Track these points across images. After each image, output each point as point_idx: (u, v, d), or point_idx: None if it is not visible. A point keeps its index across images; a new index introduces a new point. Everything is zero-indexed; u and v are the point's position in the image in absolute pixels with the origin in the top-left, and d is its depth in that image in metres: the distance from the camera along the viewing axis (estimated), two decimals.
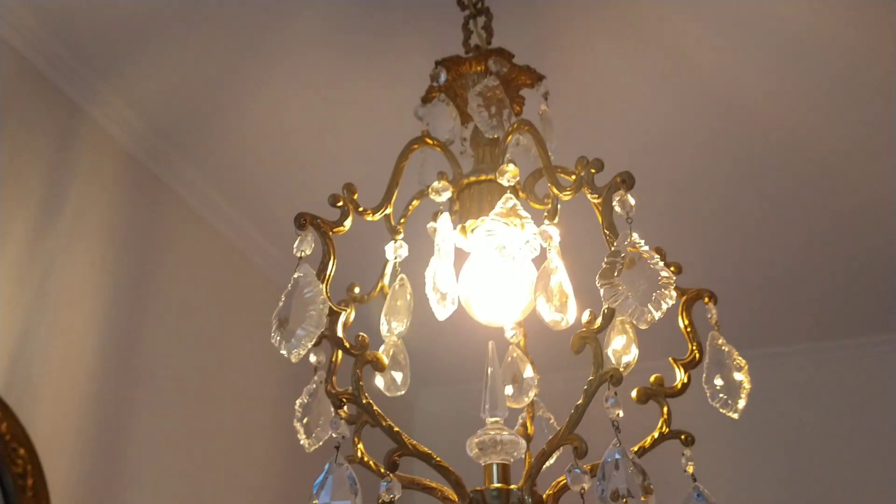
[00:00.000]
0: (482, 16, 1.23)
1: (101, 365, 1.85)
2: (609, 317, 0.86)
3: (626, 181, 0.85)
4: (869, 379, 3.27)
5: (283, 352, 0.86)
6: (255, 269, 2.56)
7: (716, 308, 1.01)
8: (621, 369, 0.98)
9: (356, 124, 2.10)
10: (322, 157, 2.22)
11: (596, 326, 0.86)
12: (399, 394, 1.11)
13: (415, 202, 1.11)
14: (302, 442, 1.07)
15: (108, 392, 1.85)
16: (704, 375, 1.00)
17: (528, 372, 1.05)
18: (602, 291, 0.80)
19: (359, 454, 0.99)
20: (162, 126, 2.07)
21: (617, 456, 0.77)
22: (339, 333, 0.91)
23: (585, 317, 0.89)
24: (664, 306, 0.78)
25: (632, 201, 0.84)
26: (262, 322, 2.43)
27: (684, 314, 1.01)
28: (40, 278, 1.72)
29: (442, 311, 1.01)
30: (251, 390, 2.42)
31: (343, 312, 0.93)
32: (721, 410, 0.99)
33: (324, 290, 0.88)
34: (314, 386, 1.08)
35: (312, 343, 0.85)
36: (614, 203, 0.85)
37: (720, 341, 0.99)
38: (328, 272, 0.92)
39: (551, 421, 1.20)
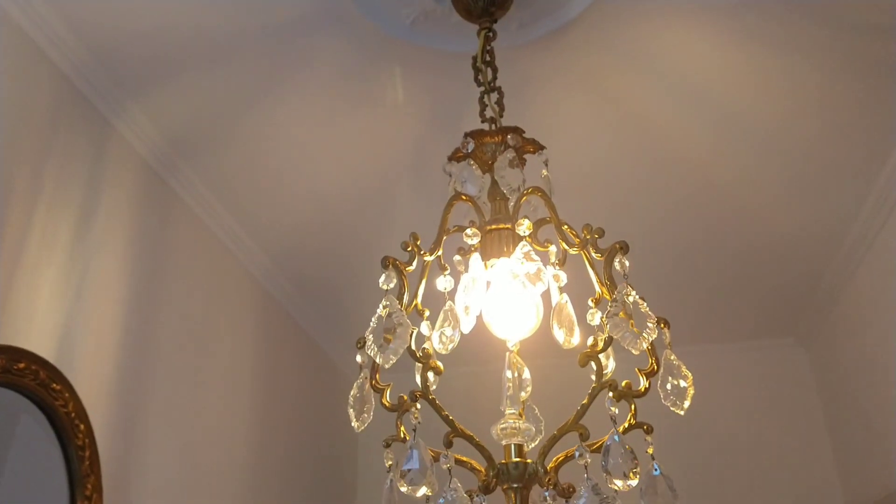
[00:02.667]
0: (494, 92, 1.56)
1: (124, 349, 2.10)
2: (609, 342, 1.21)
3: (623, 248, 1.20)
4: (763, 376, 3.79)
5: (379, 360, 1.18)
6: (244, 270, 2.89)
7: (669, 330, 1.37)
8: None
9: (349, 153, 2.41)
10: (314, 177, 2.52)
11: (599, 348, 1.21)
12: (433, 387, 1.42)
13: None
14: (353, 424, 1.38)
15: (129, 371, 2.11)
16: (660, 382, 1.36)
17: (526, 373, 1.40)
18: (608, 325, 1.15)
19: (401, 434, 1.32)
20: (177, 140, 2.32)
21: (616, 438, 1.12)
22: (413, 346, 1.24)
23: (590, 341, 1.24)
24: (651, 338, 1.13)
25: (627, 263, 1.19)
26: (245, 316, 2.75)
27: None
28: (80, 277, 1.96)
29: (468, 325, 1.35)
30: (233, 377, 2.73)
31: (414, 330, 1.25)
32: (671, 408, 1.35)
33: (406, 316, 1.20)
34: (361, 381, 1.40)
35: (399, 355, 1.18)
36: (615, 263, 1.20)
37: (672, 357, 1.34)
38: (405, 301, 1.24)
39: (535, 411, 1.55)
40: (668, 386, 1.34)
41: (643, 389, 1.33)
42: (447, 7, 1.79)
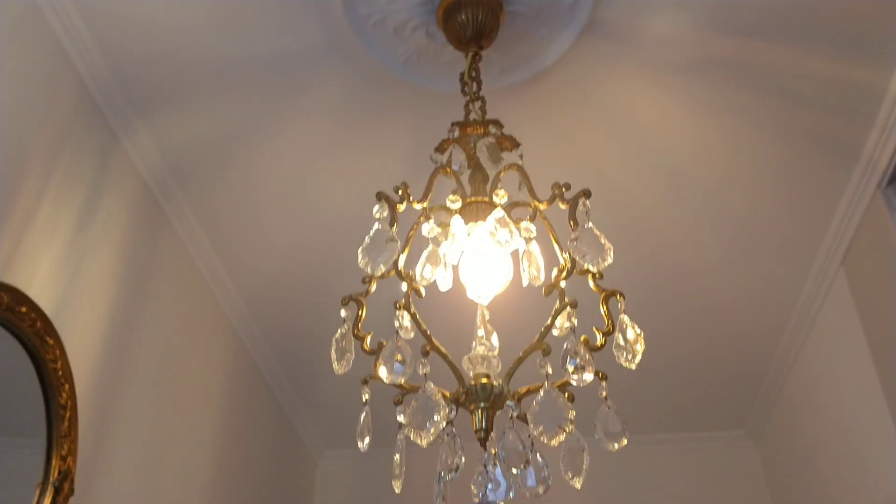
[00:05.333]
0: (478, 101, 1.79)
1: (105, 347, 2.19)
2: (572, 263, 1.38)
3: (586, 193, 1.40)
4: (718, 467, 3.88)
5: (369, 271, 1.33)
6: (221, 313, 3.02)
7: (623, 300, 1.53)
8: (562, 331, 1.48)
9: (340, 188, 2.59)
10: (302, 216, 2.69)
11: (563, 276, 1.38)
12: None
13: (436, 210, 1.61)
14: (334, 367, 1.50)
15: (107, 369, 2.18)
16: (615, 341, 1.51)
17: (494, 339, 1.55)
18: (571, 248, 1.32)
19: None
20: (175, 166, 2.49)
21: (573, 340, 1.27)
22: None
23: (554, 273, 1.40)
24: (608, 261, 1.31)
25: (588, 204, 1.38)
26: (216, 362, 2.84)
27: (604, 303, 1.53)
28: (76, 266, 2.08)
29: (445, 283, 1.50)
30: (198, 416, 2.80)
31: (402, 254, 1.41)
32: (623, 363, 1.49)
33: (397, 240, 1.36)
34: (343, 331, 1.53)
35: (381, 273, 1.33)
36: (579, 205, 1.39)
37: (625, 319, 1.50)
38: (394, 229, 1.40)
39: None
40: (621, 343, 1.49)
41: (599, 345, 1.48)
42: (440, 43, 2.04)
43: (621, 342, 1.47)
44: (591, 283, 1.52)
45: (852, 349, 2.73)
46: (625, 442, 1.36)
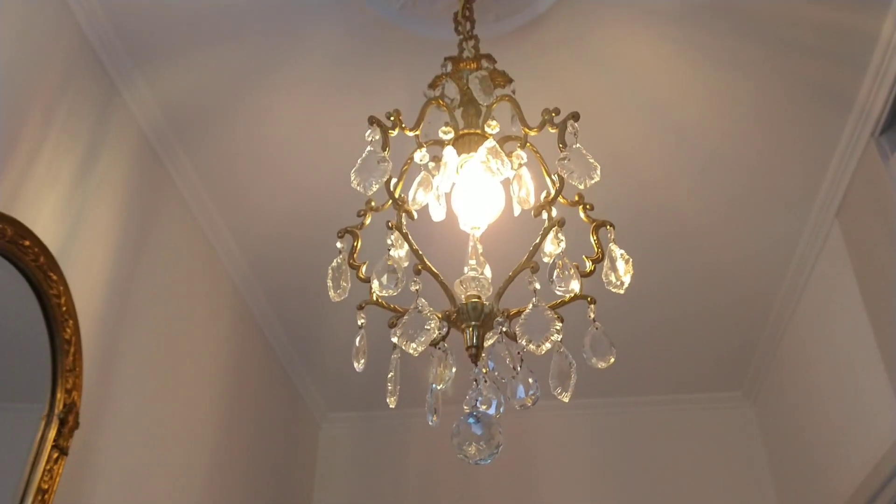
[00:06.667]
0: (472, 40, 1.82)
1: (109, 285, 2.23)
2: (562, 182, 1.41)
3: (574, 116, 1.42)
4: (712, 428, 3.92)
5: (360, 189, 1.36)
6: (223, 270, 3.06)
7: (613, 230, 1.56)
8: (552, 257, 1.51)
9: (336, 142, 2.61)
10: (300, 167, 2.72)
11: (551, 197, 1.41)
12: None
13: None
14: (331, 295, 1.54)
15: (109, 318, 2.22)
16: (604, 270, 1.54)
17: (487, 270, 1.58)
18: (560, 167, 1.35)
19: (374, 297, 1.48)
20: (174, 117, 2.52)
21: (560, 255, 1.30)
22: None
23: (543, 195, 1.43)
24: (595, 178, 1.34)
25: (577, 126, 1.41)
26: (218, 322, 2.87)
27: (594, 233, 1.56)
28: (77, 212, 2.12)
29: (438, 213, 1.53)
30: (200, 375, 2.84)
31: (394, 180, 1.44)
32: (611, 289, 1.52)
33: (389, 161, 1.40)
34: (339, 261, 1.56)
35: (375, 189, 1.36)
36: (568, 128, 1.42)
37: (613, 247, 1.53)
38: (386, 152, 1.43)
39: None
40: (609, 271, 1.52)
41: (589, 270, 1.51)
42: None
43: (610, 272, 1.49)
44: (581, 214, 1.56)
45: (847, 303, 2.75)
46: (612, 360, 1.40)
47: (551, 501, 3.78)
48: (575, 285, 1.32)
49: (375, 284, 1.36)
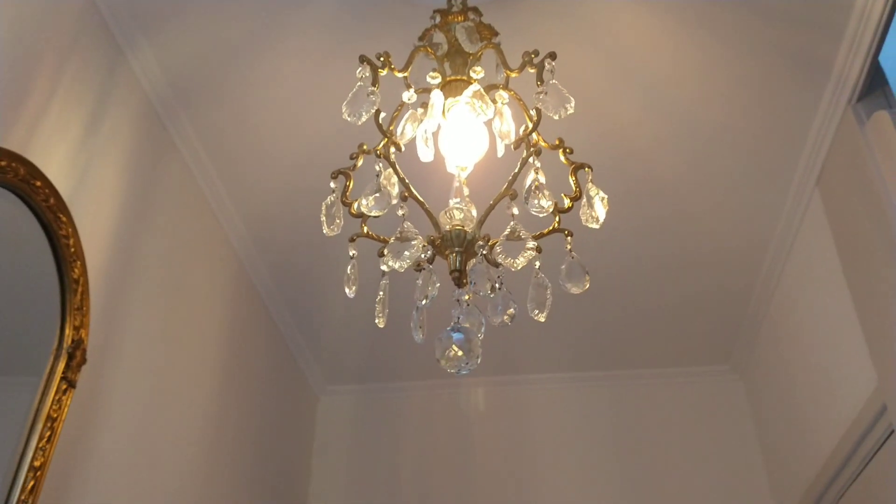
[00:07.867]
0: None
1: (115, 236, 2.33)
2: (539, 115, 1.51)
3: (552, 55, 1.52)
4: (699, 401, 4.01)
5: (350, 119, 1.46)
6: (225, 238, 3.16)
7: (591, 171, 1.65)
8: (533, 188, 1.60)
9: (339, 103, 2.69)
10: (302, 134, 2.81)
11: (529, 129, 1.51)
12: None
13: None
14: (324, 230, 1.63)
15: (119, 255, 2.32)
16: (582, 207, 1.64)
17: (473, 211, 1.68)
18: (537, 102, 1.45)
19: (365, 230, 1.58)
20: (178, 83, 2.61)
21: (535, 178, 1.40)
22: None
23: (522, 129, 1.53)
24: (570, 111, 1.44)
25: (554, 63, 1.51)
26: (217, 270, 2.96)
27: (573, 175, 1.66)
28: (84, 166, 2.22)
29: (427, 154, 1.63)
30: (199, 344, 2.93)
31: (383, 113, 1.54)
32: (587, 224, 1.62)
33: (378, 94, 1.49)
34: (332, 199, 1.66)
35: (363, 120, 1.46)
36: (546, 65, 1.52)
37: (591, 185, 1.62)
38: (376, 87, 1.53)
39: None
40: (587, 208, 1.61)
41: (567, 207, 1.61)
42: None
43: (587, 209, 1.59)
44: (561, 157, 1.65)
45: (828, 270, 2.84)
46: (587, 285, 1.49)
47: (544, 470, 3.87)
48: (545, 203, 1.42)
49: (364, 203, 1.45)
